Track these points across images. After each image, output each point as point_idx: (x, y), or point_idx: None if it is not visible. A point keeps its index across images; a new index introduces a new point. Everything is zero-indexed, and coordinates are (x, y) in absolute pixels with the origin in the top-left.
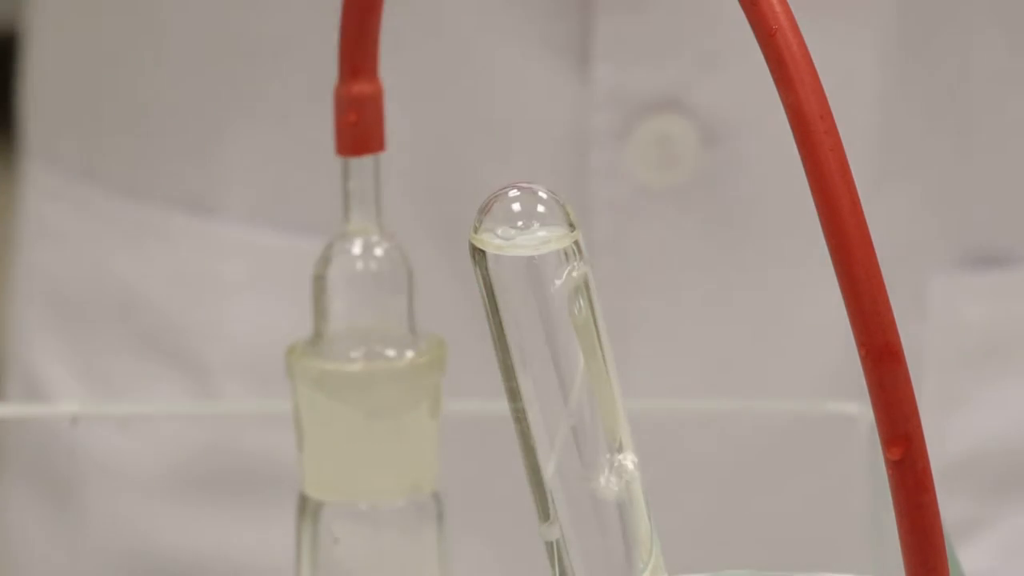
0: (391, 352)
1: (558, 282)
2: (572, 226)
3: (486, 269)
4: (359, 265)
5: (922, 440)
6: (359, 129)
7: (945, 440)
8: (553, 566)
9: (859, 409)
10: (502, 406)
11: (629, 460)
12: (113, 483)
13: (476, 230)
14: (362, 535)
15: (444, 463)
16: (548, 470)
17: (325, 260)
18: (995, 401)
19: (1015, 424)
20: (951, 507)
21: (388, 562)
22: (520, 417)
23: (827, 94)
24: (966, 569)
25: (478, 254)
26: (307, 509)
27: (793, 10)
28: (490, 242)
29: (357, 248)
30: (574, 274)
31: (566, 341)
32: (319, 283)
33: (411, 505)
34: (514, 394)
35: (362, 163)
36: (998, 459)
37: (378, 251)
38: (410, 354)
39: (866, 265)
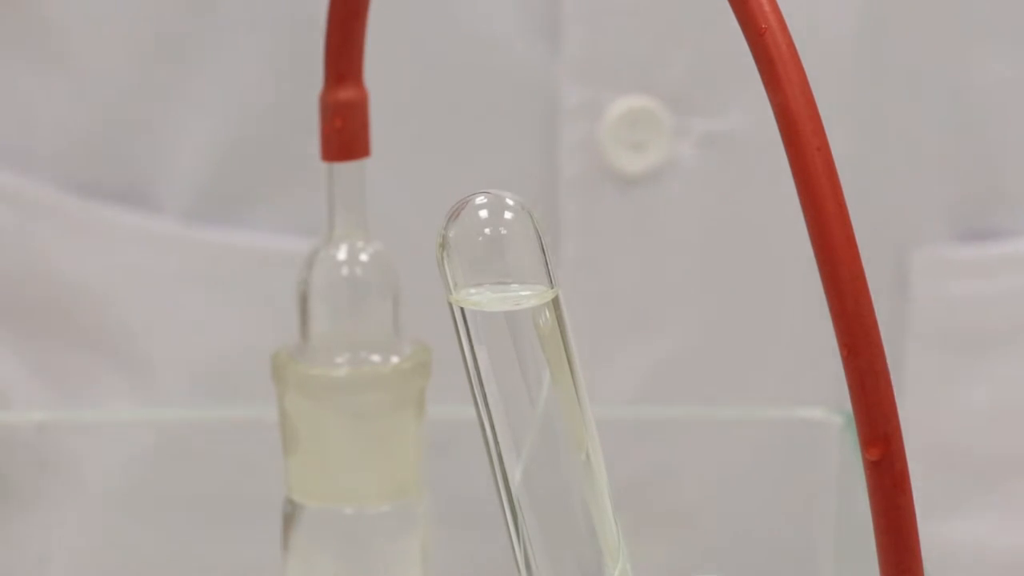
0: (376, 358)
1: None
2: (546, 262)
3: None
4: (344, 271)
5: (901, 441)
6: (345, 135)
7: (937, 417)
8: (520, 572)
9: (826, 415)
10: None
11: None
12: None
13: (453, 285)
14: (347, 539)
15: (428, 468)
16: (515, 477)
17: (310, 265)
18: (986, 378)
19: (1006, 401)
20: (945, 481)
21: (373, 566)
22: (487, 424)
23: (805, 58)
24: (960, 541)
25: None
26: (293, 513)
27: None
28: (467, 299)
29: (342, 254)
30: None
31: (533, 352)
32: (304, 288)
33: (396, 509)
34: (481, 401)
35: (347, 168)
36: (990, 435)
37: (363, 256)
38: (395, 360)
39: (850, 266)
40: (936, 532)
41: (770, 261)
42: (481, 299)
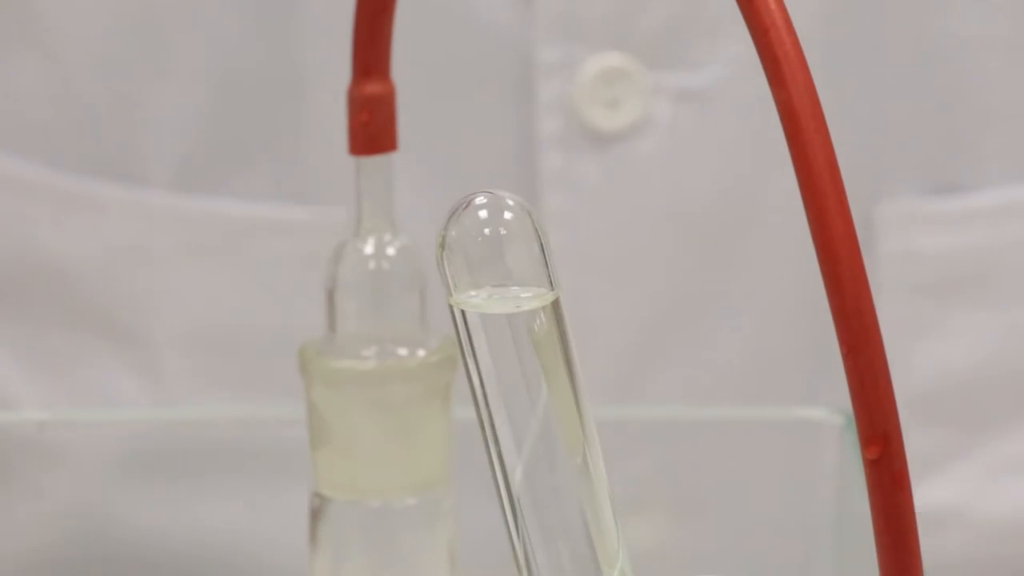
0: (403, 351)
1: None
2: (546, 265)
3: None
4: (371, 264)
5: (900, 440)
6: (372, 129)
7: (909, 372)
8: (521, 572)
9: (826, 415)
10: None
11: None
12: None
13: (453, 286)
14: (374, 533)
15: (454, 464)
16: (516, 477)
17: (337, 259)
18: (956, 332)
19: (977, 355)
20: (919, 439)
21: (400, 559)
22: (488, 425)
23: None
24: (940, 501)
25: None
26: (320, 507)
27: None
28: (468, 301)
29: (369, 247)
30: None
31: (533, 354)
32: (331, 282)
33: (422, 503)
34: (482, 401)
35: (374, 162)
36: (963, 391)
37: (390, 250)
38: (422, 353)
39: (851, 264)
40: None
41: (746, 216)
42: (481, 301)
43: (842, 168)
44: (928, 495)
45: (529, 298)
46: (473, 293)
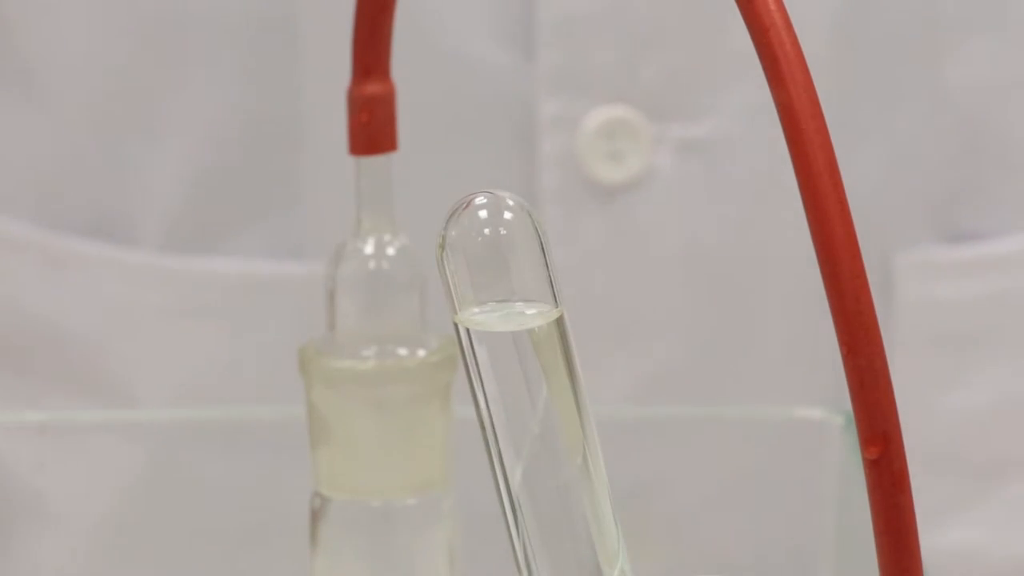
0: (403, 351)
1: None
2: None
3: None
4: (371, 264)
5: (900, 440)
6: (371, 129)
7: (929, 421)
8: (521, 572)
9: (826, 415)
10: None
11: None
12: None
13: (457, 304)
14: (374, 532)
15: (454, 464)
16: (516, 479)
17: (337, 259)
18: (974, 381)
19: (996, 404)
20: (940, 486)
21: (400, 559)
22: (488, 427)
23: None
24: (958, 546)
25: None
26: (320, 507)
27: None
28: (472, 319)
29: (369, 248)
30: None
31: (536, 367)
32: (331, 282)
33: (422, 502)
34: (483, 405)
35: (374, 163)
36: (982, 439)
37: (390, 250)
38: (422, 353)
39: (851, 264)
40: (926, 540)
41: (753, 266)
42: (486, 319)
43: (859, 217)
44: (939, 544)
45: (534, 315)
46: (476, 310)
